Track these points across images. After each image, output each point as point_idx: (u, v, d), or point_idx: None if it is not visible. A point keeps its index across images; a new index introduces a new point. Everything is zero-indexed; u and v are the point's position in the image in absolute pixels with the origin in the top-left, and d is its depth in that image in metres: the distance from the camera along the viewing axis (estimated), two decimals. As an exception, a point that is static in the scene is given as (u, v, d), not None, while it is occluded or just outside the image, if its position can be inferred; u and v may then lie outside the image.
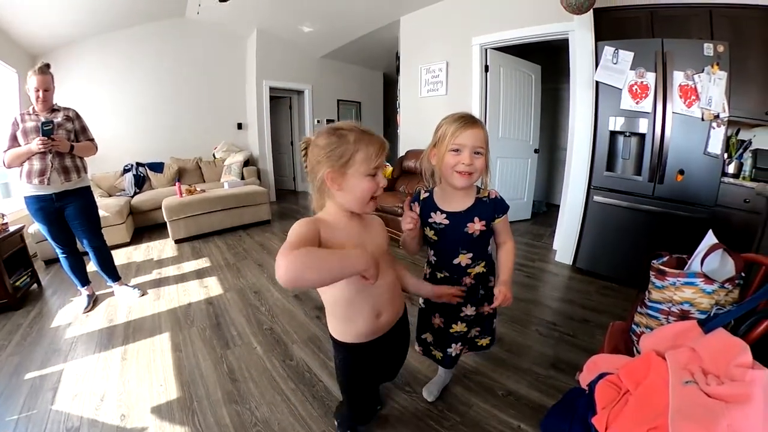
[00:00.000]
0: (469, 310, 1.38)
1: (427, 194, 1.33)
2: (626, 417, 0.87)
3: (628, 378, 0.95)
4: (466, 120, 1.20)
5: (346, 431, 1.44)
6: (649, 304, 1.21)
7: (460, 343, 1.44)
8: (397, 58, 5.46)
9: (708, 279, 1.10)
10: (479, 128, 1.19)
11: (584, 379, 1.11)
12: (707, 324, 1.02)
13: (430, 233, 1.32)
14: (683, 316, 1.13)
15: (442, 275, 1.36)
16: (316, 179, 1.01)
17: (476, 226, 1.26)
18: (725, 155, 2.72)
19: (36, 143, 2.17)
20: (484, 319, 1.46)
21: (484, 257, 1.35)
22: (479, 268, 1.34)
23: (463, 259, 1.31)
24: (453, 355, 1.44)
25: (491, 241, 1.37)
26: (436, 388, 1.69)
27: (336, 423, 1.49)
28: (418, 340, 1.55)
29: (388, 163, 1.42)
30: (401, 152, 5.14)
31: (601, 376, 1.03)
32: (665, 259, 1.27)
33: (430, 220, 1.30)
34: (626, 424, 0.86)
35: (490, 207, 1.27)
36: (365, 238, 1.08)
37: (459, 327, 1.40)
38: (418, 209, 1.31)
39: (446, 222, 1.28)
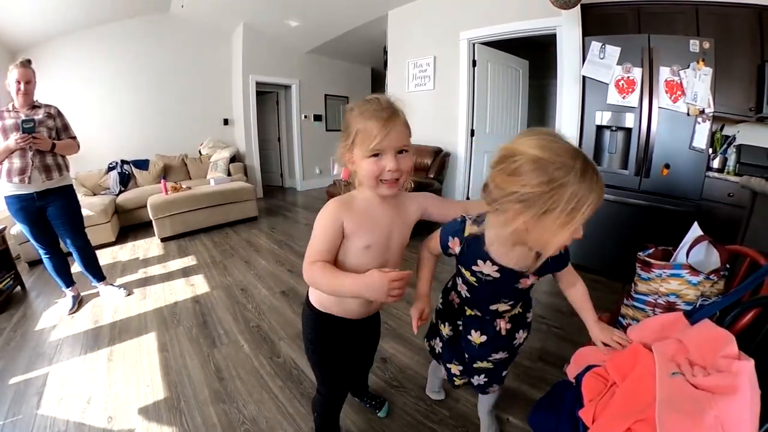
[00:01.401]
0: (501, 355, 1.18)
1: (476, 235, 0.98)
2: (613, 409, 0.88)
3: (615, 370, 0.96)
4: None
5: (323, 420, 1.35)
6: (636, 296, 1.22)
7: (484, 377, 1.24)
8: (385, 52, 5.43)
9: (693, 270, 1.12)
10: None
11: (571, 371, 1.11)
12: (693, 315, 1.03)
13: (470, 278, 1.07)
14: (669, 307, 1.14)
15: (473, 313, 1.16)
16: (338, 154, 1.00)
17: (529, 281, 1.04)
18: (710, 150, 2.76)
19: (14, 140, 2.11)
20: (515, 351, 1.24)
21: (525, 300, 1.18)
22: (516, 310, 1.16)
23: (502, 306, 1.11)
24: (483, 383, 1.25)
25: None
26: (438, 385, 1.66)
27: (313, 415, 1.38)
28: (429, 344, 1.38)
29: None
30: (389, 147, 5.12)
31: (588, 368, 1.03)
32: (651, 251, 1.28)
33: (474, 268, 1.03)
34: (613, 416, 0.86)
35: (554, 263, 1.03)
36: (394, 224, 1.04)
37: (484, 364, 1.20)
38: (458, 246, 1.03)
39: (497, 275, 1.00)
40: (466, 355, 1.22)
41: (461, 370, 1.27)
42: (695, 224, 1.24)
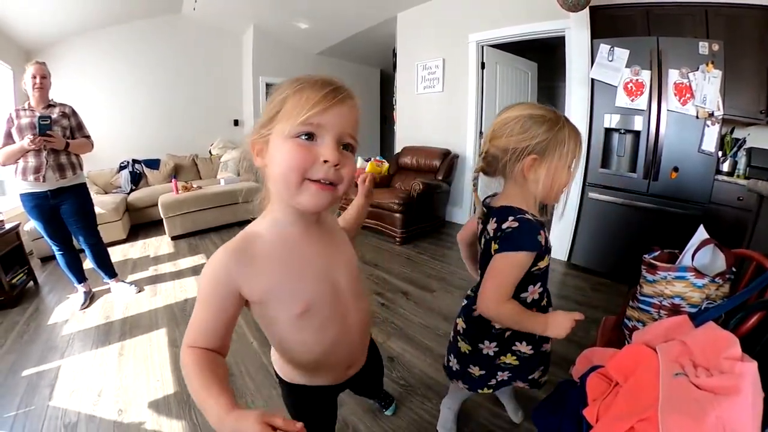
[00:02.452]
0: (525, 347, 1.13)
1: (531, 216, 0.95)
2: (616, 409, 0.89)
3: (617, 371, 0.97)
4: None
5: None
6: (641, 298, 1.23)
7: (507, 373, 1.18)
8: (394, 54, 5.46)
9: (699, 273, 1.12)
10: None
11: (577, 372, 1.12)
12: (698, 318, 1.04)
13: (545, 262, 1.01)
14: (674, 309, 1.14)
15: (546, 301, 1.13)
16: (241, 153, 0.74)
17: None
18: (720, 153, 2.74)
19: (27, 141, 2.15)
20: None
21: None
22: None
23: None
24: (536, 378, 1.21)
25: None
26: (452, 424, 1.50)
27: None
28: (487, 385, 1.21)
29: (384, 159, 1.41)
30: (398, 149, 5.15)
31: (593, 369, 1.04)
32: (657, 253, 1.28)
33: (549, 245, 1.01)
34: (616, 415, 0.87)
35: None
36: (332, 258, 0.75)
37: (509, 359, 1.15)
38: (544, 235, 0.96)
39: (548, 236, 1.00)
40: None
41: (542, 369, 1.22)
42: (701, 227, 1.24)
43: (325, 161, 0.61)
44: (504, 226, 0.93)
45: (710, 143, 2.51)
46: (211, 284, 0.65)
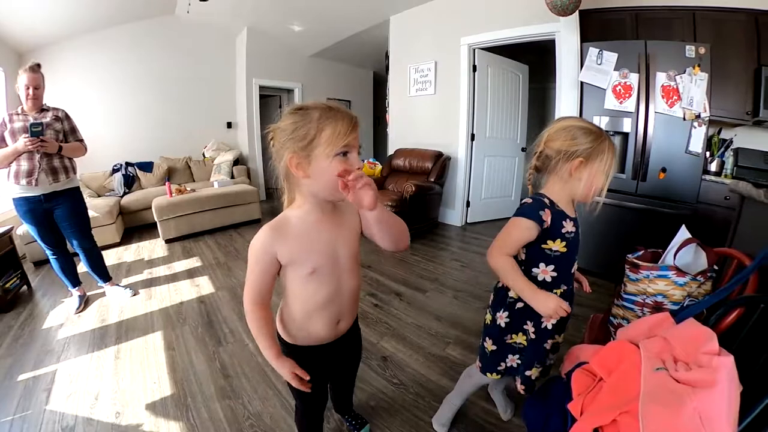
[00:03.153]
0: (560, 338, 1.24)
1: (551, 201, 1.12)
2: (600, 402, 0.92)
3: (600, 366, 1.00)
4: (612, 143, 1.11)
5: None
6: (625, 296, 1.27)
7: (516, 358, 1.25)
8: (387, 57, 5.49)
9: (680, 272, 1.16)
10: None
11: (564, 368, 1.16)
12: (679, 315, 1.07)
13: (559, 246, 1.12)
14: (657, 307, 1.18)
15: (561, 291, 1.17)
16: (280, 167, 0.92)
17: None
18: (707, 154, 2.80)
19: (22, 142, 2.15)
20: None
21: None
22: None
23: (574, 266, 1.20)
24: (532, 378, 1.23)
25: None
26: (448, 419, 1.54)
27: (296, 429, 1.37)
28: (497, 370, 1.29)
29: (377, 161, 1.44)
30: (390, 151, 5.17)
31: (579, 365, 1.08)
32: (641, 253, 1.32)
33: (563, 231, 1.11)
34: (600, 408, 0.91)
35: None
36: (338, 237, 0.98)
37: (519, 338, 1.23)
38: (549, 215, 1.09)
39: (574, 229, 1.13)
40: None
41: (540, 370, 1.23)
42: (683, 227, 1.28)
43: (358, 168, 0.85)
44: (523, 201, 1.13)
45: (697, 144, 2.57)
46: (260, 253, 0.93)
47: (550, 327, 1.16)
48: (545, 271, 1.14)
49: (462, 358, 1.96)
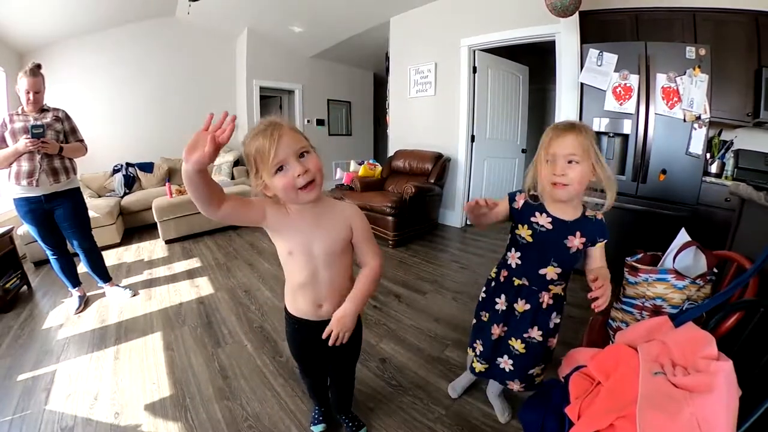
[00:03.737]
0: (535, 333, 1.27)
1: (535, 199, 1.22)
2: (597, 406, 0.92)
3: (599, 370, 1.00)
4: (560, 127, 1.14)
5: (309, 389, 1.50)
6: (624, 299, 1.27)
7: (508, 359, 1.34)
8: (387, 58, 5.49)
9: (679, 275, 1.16)
10: (572, 134, 1.11)
11: (562, 371, 1.16)
12: (678, 318, 1.07)
13: (526, 233, 1.21)
14: (656, 310, 1.18)
15: (520, 282, 1.27)
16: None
17: (576, 242, 1.16)
18: (708, 155, 2.80)
19: (23, 143, 2.15)
20: (547, 355, 1.34)
21: (566, 280, 1.25)
22: (560, 290, 1.25)
23: (551, 271, 1.20)
24: (501, 367, 1.35)
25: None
26: (461, 387, 1.71)
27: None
28: (472, 346, 1.46)
29: (377, 163, 1.47)
30: (390, 152, 5.17)
31: (577, 368, 1.08)
32: (640, 256, 1.32)
33: (532, 219, 1.20)
34: (597, 412, 0.90)
35: (595, 228, 1.17)
36: (313, 235, 1.07)
37: (517, 344, 1.30)
38: (523, 200, 1.23)
39: (549, 227, 1.18)
40: (505, 327, 1.33)
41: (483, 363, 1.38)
42: (682, 230, 1.28)
43: (298, 175, 0.94)
44: None
45: (697, 146, 2.56)
46: (260, 198, 1.03)
47: (501, 308, 1.31)
48: (513, 257, 1.28)
49: (461, 361, 1.95)
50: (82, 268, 2.72)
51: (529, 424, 1.06)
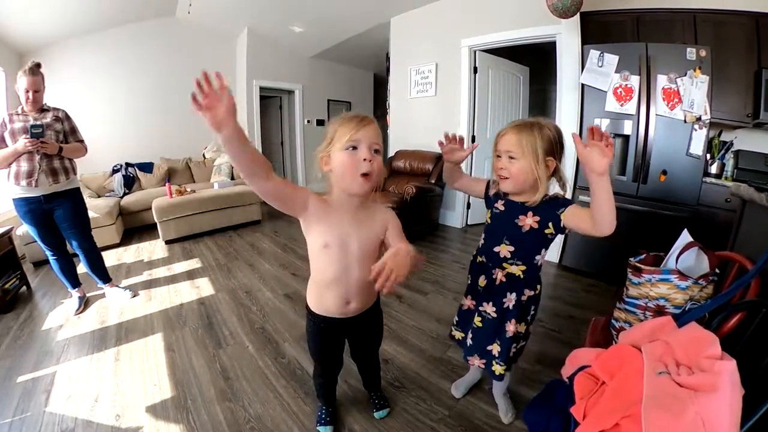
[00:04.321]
0: (489, 309, 1.37)
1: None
2: (602, 406, 0.92)
3: (602, 370, 1.00)
4: (509, 125, 1.24)
5: (320, 387, 1.52)
6: (627, 299, 1.27)
7: (470, 333, 1.46)
8: (387, 59, 5.49)
9: (682, 275, 1.16)
10: (514, 133, 1.20)
11: (566, 372, 1.16)
12: (681, 318, 1.07)
13: (488, 216, 1.39)
14: (659, 311, 1.18)
15: (481, 259, 1.41)
16: (317, 168, 1.11)
17: (527, 221, 1.25)
18: (708, 156, 2.80)
19: (23, 143, 2.14)
20: (504, 339, 1.35)
21: (526, 263, 1.29)
22: (516, 270, 1.30)
23: (503, 249, 1.30)
24: (468, 345, 1.47)
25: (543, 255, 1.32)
26: (464, 386, 1.73)
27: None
28: (454, 324, 1.61)
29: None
30: (391, 152, 5.17)
31: (581, 369, 1.07)
32: (643, 256, 1.32)
33: (494, 206, 1.35)
34: (602, 412, 0.90)
35: (549, 205, 1.21)
36: (351, 232, 1.11)
37: (476, 319, 1.43)
38: (495, 189, 1.37)
39: (502, 208, 1.32)
40: (473, 301, 1.47)
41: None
42: (685, 231, 1.28)
43: (364, 159, 1.01)
44: None
45: (698, 147, 2.57)
46: (310, 191, 1.10)
47: (468, 283, 1.48)
48: (481, 238, 1.42)
49: (463, 362, 1.95)
50: (82, 268, 2.71)
51: (533, 424, 1.06)
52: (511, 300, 1.32)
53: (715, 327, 1.06)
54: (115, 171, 4.99)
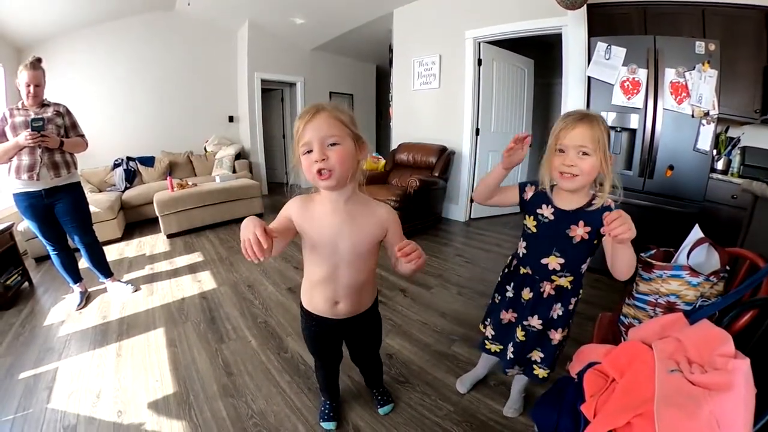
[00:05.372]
0: (535, 322, 1.28)
1: (545, 188, 1.24)
2: (613, 404, 0.90)
3: (613, 367, 0.99)
4: (574, 118, 1.12)
5: (321, 380, 1.52)
6: (637, 295, 1.25)
7: (512, 346, 1.35)
8: (390, 50, 5.44)
9: (694, 272, 1.14)
10: (585, 126, 1.09)
11: (573, 368, 1.14)
12: (692, 315, 1.05)
13: (531, 224, 1.26)
14: (669, 307, 1.16)
15: (525, 271, 1.30)
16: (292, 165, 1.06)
17: (579, 231, 1.16)
18: (714, 152, 2.77)
19: (24, 137, 2.12)
20: (548, 346, 1.31)
21: (575, 273, 1.23)
22: (565, 282, 1.24)
23: (553, 261, 1.22)
24: (509, 358, 1.36)
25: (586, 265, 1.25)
26: (470, 381, 1.71)
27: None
28: (483, 322, 1.53)
29: (380, 156, 1.46)
30: (394, 145, 5.15)
31: (590, 365, 1.06)
32: (653, 252, 1.30)
33: (537, 211, 1.24)
34: (613, 411, 0.89)
35: (600, 215, 1.07)
36: (341, 231, 1.07)
37: (519, 332, 1.32)
38: (532, 191, 1.27)
39: (552, 217, 1.20)
40: (515, 314, 1.35)
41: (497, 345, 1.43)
42: (696, 226, 1.26)
43: (315, 161, 0.96)
44: None
45: (705, 142, 2.53)
46: (285, 208, 1.11)
47: (509, 295, 1.35)
48: (521, 246, 1.32)
49: (468, 356, 1.94)
50: (84, 263, 2.70)
51: (543, 422, 1.05)
52: (557, 310, 1.26)
53: (726, 325, 1.04)
54: (116, 165, 4.97)
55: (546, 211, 1.22)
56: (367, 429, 1.51)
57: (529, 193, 1.27)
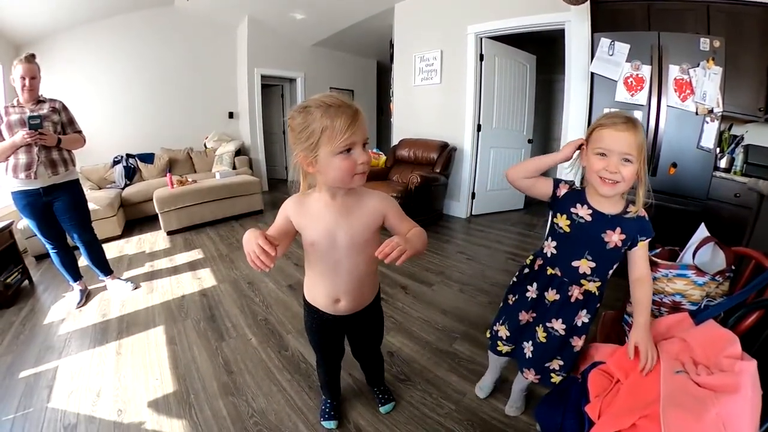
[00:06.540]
0: (558, 325, 1.22)
1: (579, 188, 1.21)
2: (618, 405, 0.89)
3: (617, 367, 0.98)
4: (618, 121, 1.06)
5: (322, 375, 1.50)
6: (642, 295, 1.23)
7: (530, 345, 1.30)
8: (391, 46, 5.40)
9: (699, 271, 1.12)
10: (631, 132, 1.04)
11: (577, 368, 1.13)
12: (698, 315, 1.04)
13: (564, 223, 1.19)
14: (675, 307, 1.15)
15: (553, 272, 1.24)
16: (293, 162, 1.00)
17: (614, 237, 1.11)
18: (718, 150, 2.74)
19: (21, 136, 2.10)
20: (569, 353, 1.24)
21: (602, 279, 1.19)
22: (593, 287, 1.19)
23: (584, 264, 1.17)
24: (524, 351, 1.32)
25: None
26: (488, 386, 1.66)
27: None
28: (490, 331, 1.47)
29: (380, 152, 1.44)
30: (394, 141, 5.12)
31: (594, 365, 1.05)
32: (658, 251, 1.29)
33: (572, 210, 1.17)
34: (618, 412, 0.88)
35: (636, 224, 1.11)
36: (339, 224, 1.06)
37: (540, 332, 1.26)
38: (566, 189, 1.21)
39: (589, 219, 1.14)
40: (534, 314, 1.30)
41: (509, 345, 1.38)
42: (702, 225, 1.24)
43: (361, 162, 0.94)
44: None
45: (709, 140, 2.51)
46: (282, 209, 1.10)
47: (531, 296, 1.28)
48: (549, 246, 1.25)
49: (470, 354, 1.93)
50: (83, 261, 2.69)
51: (547, 422, 1.04)
52: (582, 317, 1.21)
53: (732, 325, 1.03)
54: (115, 162, 4.95)
55: (582, 212, 1.15)
56: (369, 428, 1.50)
57: (563, 191, 1.21)
